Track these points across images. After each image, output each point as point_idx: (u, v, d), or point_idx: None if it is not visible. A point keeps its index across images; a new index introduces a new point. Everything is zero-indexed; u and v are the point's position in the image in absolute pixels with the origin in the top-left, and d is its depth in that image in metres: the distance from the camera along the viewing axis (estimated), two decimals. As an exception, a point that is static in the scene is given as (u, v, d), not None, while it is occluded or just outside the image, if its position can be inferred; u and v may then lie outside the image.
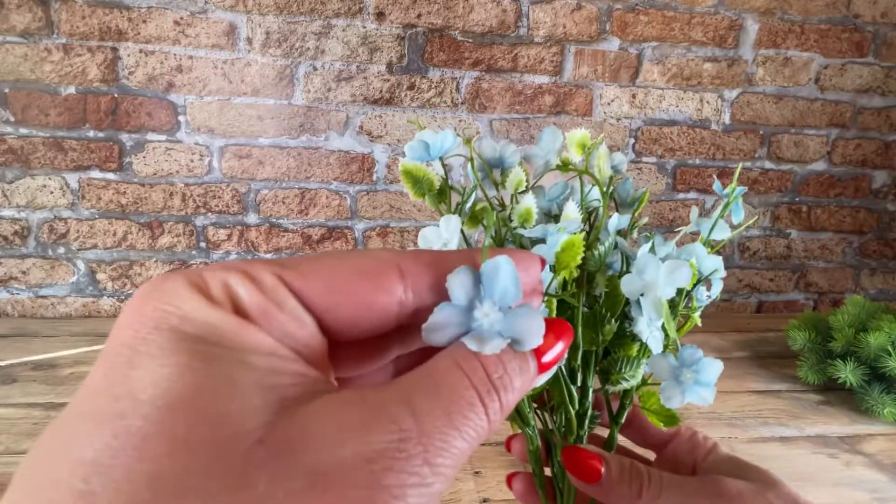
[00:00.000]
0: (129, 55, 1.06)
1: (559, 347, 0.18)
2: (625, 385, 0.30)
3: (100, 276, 1.14)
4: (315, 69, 1.11)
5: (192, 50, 1.07)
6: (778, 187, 1.30)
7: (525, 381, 0.17)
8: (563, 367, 0.30)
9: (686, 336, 1.07)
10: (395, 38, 1.12)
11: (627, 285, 0.27)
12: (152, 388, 0.12)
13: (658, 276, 0.27)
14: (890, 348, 0.81)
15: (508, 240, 0.30)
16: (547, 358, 0.17)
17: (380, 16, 1.10)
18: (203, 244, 1.15)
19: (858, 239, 1.35)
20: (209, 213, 1.14)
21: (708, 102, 1.24)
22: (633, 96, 1.21)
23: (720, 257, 0.33)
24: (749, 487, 0.27)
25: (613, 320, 0.30)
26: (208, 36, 1.07)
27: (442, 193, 0.30)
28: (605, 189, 0.30)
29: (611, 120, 1.21)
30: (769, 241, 1.33)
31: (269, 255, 1.17)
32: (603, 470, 0.27)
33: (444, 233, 0.27)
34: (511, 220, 0.29)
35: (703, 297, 0.33)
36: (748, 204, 1.30)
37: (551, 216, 0.32)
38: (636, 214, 0.35)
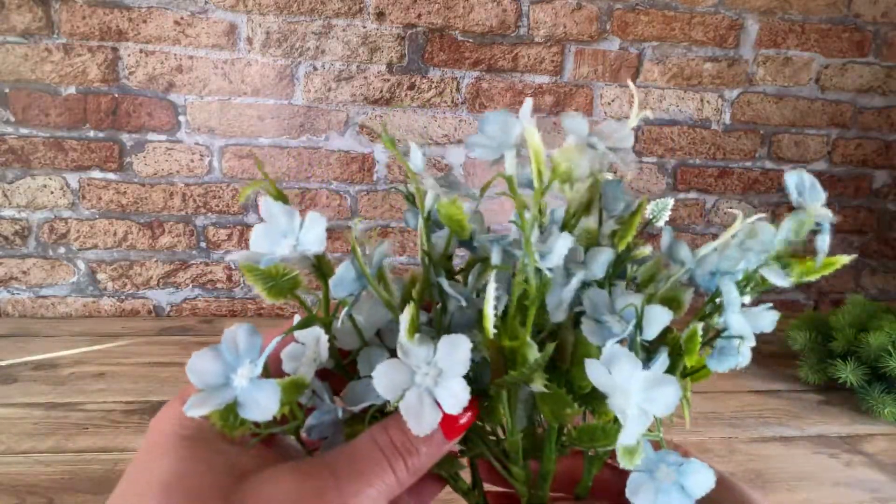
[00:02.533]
0: (129, 55, 1.06)
1: (464, 419, 0.23)
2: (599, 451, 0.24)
3: (100, 276, 1.14)
4: (315, 69, 1.11)
5: (192, 50, 1.07)
6: (778, 187, 1.30)
7: (432, 446, 0.23)
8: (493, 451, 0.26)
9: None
10: (395, 38, 1.12)
11: (594, 374, 0.21)
12: (159, 475, 0.20)
13: (631, 385, 0.20)
14: (890, 348, 0.81)
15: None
16: (455, 425, 0.23)
17: (380, 16, 1.10)
18: (203, 244, 1.15)
19: (859, 239, 1.35)
20: (209, 213, 1.14)
21: (708, 102, 1.24)
22: (634, 96, 1.21)
23: (767, 315, 0.23)
24: None
25: (576, 404, 0.22)
26: (208, 36, 1.07)
27: (323, 277, 0.23)
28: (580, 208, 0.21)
29: (611, 120, 1.21)
30: (769, 241, 1.32)
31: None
32: None
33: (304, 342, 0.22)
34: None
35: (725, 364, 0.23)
36: (748, 204, 1.30)
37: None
38: (625, 243, 0.23)
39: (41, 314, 1.14)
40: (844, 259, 0.23)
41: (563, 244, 0.21)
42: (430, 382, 0.21)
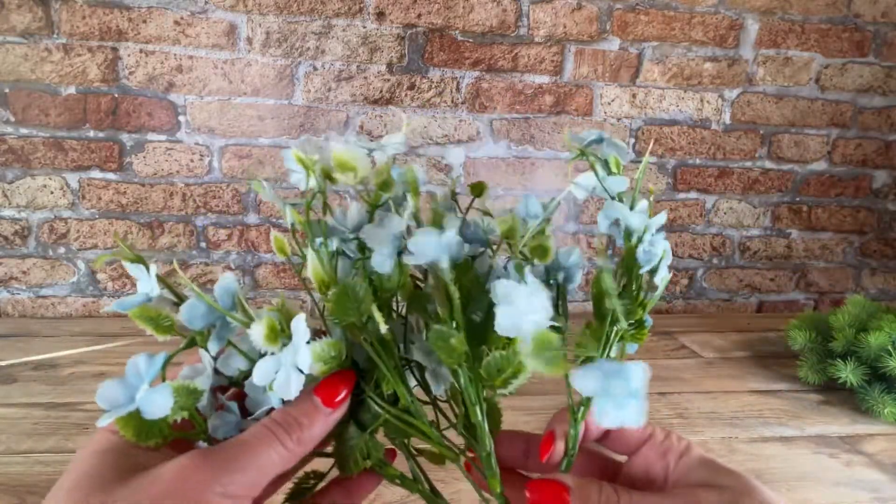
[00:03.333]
0: (129, 55, 1.06)
1: (342, 393, 0.27)
2: (513, 386, 0.26)
3: (100, 276, 1.14)
4: (315, 69, 1.11)
5: (192, 50, 1.07)
6: (778, 187, 1.30)
7: (315, 418, 0.26)
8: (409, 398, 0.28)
9: (688, 335, 1.07)
10: (395, 38, 1.12)
11: (504, 321, 0.24)
12: (64, 482, 0.24)
13: (519, 301, 0.24)
14: (890, 348, 0.81)
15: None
16: (334, 399, 0.27)
17: (380, 16, 1.10)
18: (203, 244, 1.15)
19: (859, 239, 1.35)
20: (209, 213, 1.14)
21: (708, 102, 1.24)
22: (634, 96, 1.21)
23: (661, 239, 0.27)
24: (719, 501, 0.26)
25: (459, 330, 0.26)
26: (208, 36, 1.07)
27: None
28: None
29: (611, 120, 1.21)
30: (770, 241, 1.33)
31: (269, 256, 1.17)
32: (570, 501, 0.26)
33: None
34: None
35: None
36: (748, 204, 1.30)
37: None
38: (416, 203, 0.29)
39: (41, 314, 1.14)
40: (647, 158, 0.31)
41: (354, 211, 0.30)
42: (290, 359, 0.25)
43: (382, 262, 0.27)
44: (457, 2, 1.12)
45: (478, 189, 0.33)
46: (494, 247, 0.30)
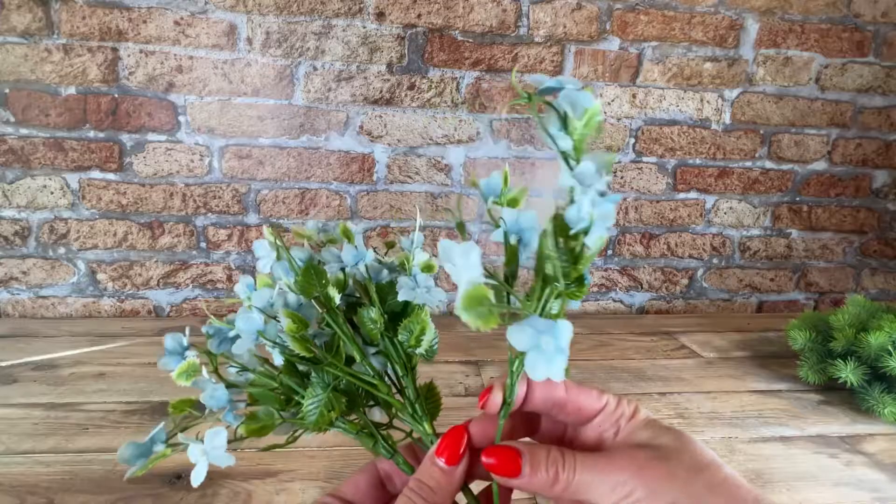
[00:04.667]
0: (129, 55, 1.06)
1: (460, 446, 0.30)
2: (425, 343, 0.32)
3: (100, 276, 1.14)
4: (315, 69, 1.11)
5: (192, 50, 1.07)
6: (778, 187, 1.30)
7: (439, 476, 0.30)
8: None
9: (688, 335, 1.07)
10: (395, 38, 1.12)
11: (444, 254, 0.27)
12: None
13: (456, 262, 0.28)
14: (890, 348, 0.81)
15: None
16: (453, 454, 0.30)
17: (380, 16, 1.10)
18: (203, 244, 1.15)
19: (859, 239, 1.35)
20: (209, 214, 1.14)
21: (708, 102, 1.24)
22: (634, 96, 1.21)
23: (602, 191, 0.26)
24: (654, 456, 0.28)
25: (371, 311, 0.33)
26: (208, 36, 1.07)
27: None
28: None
29: (611, 120, 1.21)
30: (770, 241, 1.33)
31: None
32: (522, 463, 0.29)
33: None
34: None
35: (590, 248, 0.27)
36: (748, 203, 1.30)
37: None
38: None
39: (41, 314, 1.14)
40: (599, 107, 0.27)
41: (306, 249, 0.36)
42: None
43: (331, 268, 0.36)
44: (457, 2, 1.12)
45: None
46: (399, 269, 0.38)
